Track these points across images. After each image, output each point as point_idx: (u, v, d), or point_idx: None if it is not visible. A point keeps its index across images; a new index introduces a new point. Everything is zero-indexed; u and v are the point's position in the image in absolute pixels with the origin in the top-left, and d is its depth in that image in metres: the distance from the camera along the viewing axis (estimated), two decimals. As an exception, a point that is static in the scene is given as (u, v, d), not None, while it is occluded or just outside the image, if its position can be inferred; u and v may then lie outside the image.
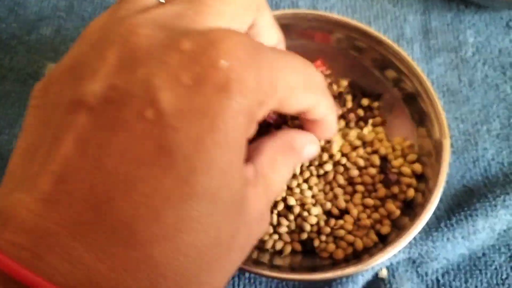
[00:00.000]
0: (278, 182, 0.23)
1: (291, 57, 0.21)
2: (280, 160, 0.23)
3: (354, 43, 0.40)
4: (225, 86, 0.17)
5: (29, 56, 0.44)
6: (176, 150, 0.16)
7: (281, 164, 0.23)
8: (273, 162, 0.22)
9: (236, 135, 0.17)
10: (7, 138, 0.41)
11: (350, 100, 0.40)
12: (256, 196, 0.21)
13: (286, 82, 0.20)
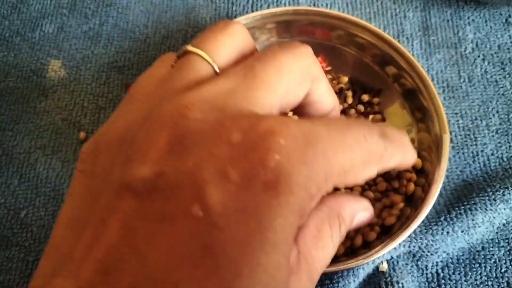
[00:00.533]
0: (323, 260, 0.21)
1: (349, 132, 0.19)
2: (326, 233, 0.21)
3: (354, 39, 0.41)
4: (274, 184, 0.16)
5: (32, 53, 0.44)
6: (221, 252, 0.16)
7: (327, 237, 0.21)
8: (318, 238, 0.20)
9: (285, 236, 0.16)
10: (11, 134, 0.41)
11: (351, 96, 0.40)
12: (299, 284, 0.19)
13: (341, 166, 0.18)
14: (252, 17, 0.41)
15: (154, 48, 0.45)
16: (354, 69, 0.42)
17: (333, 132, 0.18)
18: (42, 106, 0.42)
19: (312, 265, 0.20)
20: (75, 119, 0.41)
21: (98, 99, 0.42)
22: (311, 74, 0.21)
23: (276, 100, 0.19)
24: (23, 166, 0.40)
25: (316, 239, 0.20)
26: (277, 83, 0.19)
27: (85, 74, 0.43)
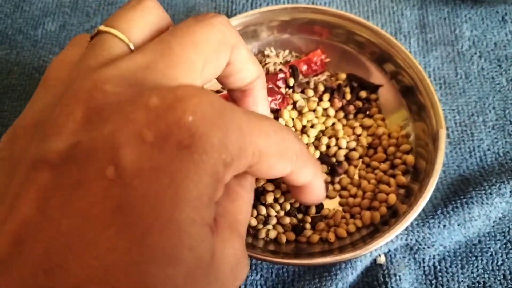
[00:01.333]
0: (240, 209, 0.21)
1: (267, 121, 0.19)
2: (232, 183, 0.21)
3: (352, 37, 0.41)
4: (188, 143, 0.16)
5: (35, 51, 0.45)
6: (132, 209, 0.15)
7: (234, 186, 0.21)
8: (227, 191, 0.21)
9: (198, 194, 0.16)
10: (14, 130, 0.41)
11: (349, 92, 0.41)
12: (225, 244, 0.19)
13: (256, 147, 0.18)
14: (251, 14, 0.41)
15: (154, 45, 0.45)
16: (352, 66, 0.42)
17: (252, 115, 0.19)
18: (44, 102, 0.43)
19: (231, 218, 0.20)
20: (77, 116, 0.42)
21: (99, 96, 0.43)
22: (229, 43, 0.21)
23: (196, 76, 0.19)
24: (26, 161, 0.40)
25: (226, 194, 0.20)
26: (195, 58, 0.19)
27: (86, 71, 0.44)
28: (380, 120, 0.40)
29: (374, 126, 0.39)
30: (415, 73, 0.38)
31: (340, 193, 0.37)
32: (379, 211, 0.35)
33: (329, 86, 0.41)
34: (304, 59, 0.41)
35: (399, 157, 0.37)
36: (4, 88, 0.43)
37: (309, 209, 0.36)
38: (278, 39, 0.43)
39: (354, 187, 0.37)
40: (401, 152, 0.37)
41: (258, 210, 0.35)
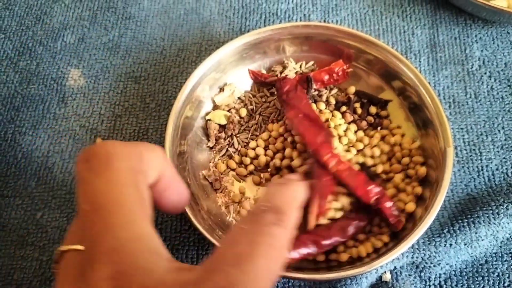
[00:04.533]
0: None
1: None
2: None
3: (362, 55, 0.42)
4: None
5: (54, 62, 0.47)
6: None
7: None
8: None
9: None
10: (31, 138, 0.43)
11: (359, 107, 0.42)
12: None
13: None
14: (263, 31, 0.42)
15: (169, 59, 0.46)
16: (362, 82, 0.43)
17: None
18: (61, 112, 0.44)
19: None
20: (92, 126, 0.43)
21: (114, 107, 0.44)
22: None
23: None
24: (41, 169, 0.41)
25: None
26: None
27: (103, 83, 0.45)
28: (396, 128, 0.40)
29: (389, 136, 0.40)
30: (423, 91, 0.39)
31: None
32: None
33: (340, 100, 0.42)
34: (326, 69, 0.42)
35: (413, 168, 0.38)
36: (23, 97, 0.45)
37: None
38: (299, 54, 0.44)
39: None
40: (414, 163, 0.38)
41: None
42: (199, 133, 0.41)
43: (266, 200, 0.27)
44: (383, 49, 0.41)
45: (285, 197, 0.27)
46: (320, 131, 0.37)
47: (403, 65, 0.40)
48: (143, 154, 0.26)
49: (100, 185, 0.23)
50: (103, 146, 0.25)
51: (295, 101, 0.39)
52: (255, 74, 0.43)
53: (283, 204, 0.26)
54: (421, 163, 0.38)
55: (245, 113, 0.42)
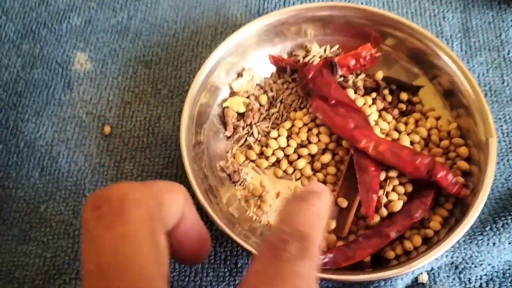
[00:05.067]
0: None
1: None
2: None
3: (390, 36, 0.39)
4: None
5: (59, 46, 0.43)
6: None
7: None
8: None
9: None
10: (34, 126, 0.40)
11: (388, 93, 0.38)
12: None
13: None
14: (286, 12, 0.39)
15: (182, 43, 0.43)
16: (390, 67, 0.40)
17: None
18: (66, 98, 0.41)
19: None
20: (100, 113, 0.40)
21: (124, 94, 0.41)
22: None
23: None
24: (45, 158, 0.38)
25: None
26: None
27: (111, 68, 0.42)
28: (430, 111, 0.37)
29: (423, 120, 0.37)
30: (461, 78, 0.36)
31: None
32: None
33: (368, 86, 0.39)
34: (352, 53, 0.39)
35: (453, 150, 0.35)
36: (26, 82, 0.42)
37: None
38: (323, 37, 0.41)
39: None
40: (454, 145, 0.35)
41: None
42: (215, 121, 0.38)
43: (286, 222, 0.22)
44: (414, 31, 0.38)
45: (308, 217, 0.23)
46: (358, 115, 0.34)
47: (437, 48, 0.37)
48: (164, 197, 0.22)
49: (110, 241, 0.19)
50: (117, 189, 0.21)
51: (324, 87, 0.36)
52: (275, 59, 0.40)
53: (307, 227, 0.22)
54: (462, 144, 0.35)
55: (265, 100, 0.39)
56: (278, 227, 0.22)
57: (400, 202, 0.33)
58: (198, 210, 0.35)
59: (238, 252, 0.35)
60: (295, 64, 0.39)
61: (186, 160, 0.33)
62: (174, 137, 0.39)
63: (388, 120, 0.37)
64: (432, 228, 0.32)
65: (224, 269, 0.34)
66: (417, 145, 0.36)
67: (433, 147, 0.36)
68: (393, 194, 0.33)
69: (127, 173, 0.38)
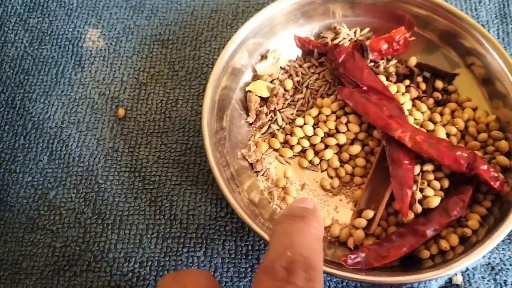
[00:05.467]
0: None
1: None
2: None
3: (425, 19, 0.36)
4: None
5: (69, 20, 0.41)
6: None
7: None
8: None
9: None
10: (43, 106, 0.37)
11: (422, 81, 0.36)
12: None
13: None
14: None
15: (201, 22, 0.40)
16: (423, 53, 0.37)
17: None
18: (77, 78, 0.38)
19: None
20: (113, 94, 0.38)
21: (139, 74, 0.38)
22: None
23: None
24: (54, 142, 0.36)
25: None
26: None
27: (125, 46, 0.39)
28: (466, 101, 0.35)
29: (459, 110, 0.34)
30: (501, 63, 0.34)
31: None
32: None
33: (400, 72, 0.36)
34: (385, 37, 0.36)
35: (492, 144, 0.33)
36: (34, 59, 0.39)
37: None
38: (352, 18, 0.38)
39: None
40: (492, 138, 0.33)
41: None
42: (237, 106, 0.36)
43: (286, 246, 0.21)
44: (451, 13, 0.35)
45: (310, 242, 0.21)
46: (391, 103, 0.32)
47: (477, 33, 0.35)
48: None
49: None
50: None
51: (355, 72, 0.34)
52: (302, 41, 0.38)
53: (310, 253, 0.20)
54: (502, 138, 0.32)
55: (291, 85, 0.36)
56: (279, 250, 0.20)
57: (437, 199, 0.30)
58: (219, 200, 0.34)
59: (260, 246, 0.32)
60: (323, 47, 0.37)
61: (208, 147, 0.31)
62: (193, 122, 0.36)
63: (422, 110, 0.34)
64: (470, 227, 0.30)
65: (245, 265, 0.32)
66: (454, 138, 0.33)
67: (470, 140, 0.33)
68: (429, 189, 0.31)
69: (142, 159, 0.35)
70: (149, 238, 0.33)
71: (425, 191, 0.31)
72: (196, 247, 0.32)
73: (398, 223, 0.32)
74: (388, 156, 0.32)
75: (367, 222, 0.31)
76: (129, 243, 0.33)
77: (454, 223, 0.31)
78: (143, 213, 0.33)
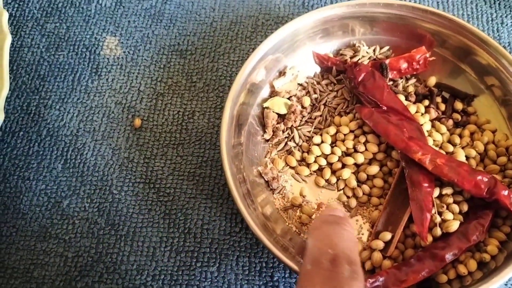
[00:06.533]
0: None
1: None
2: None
3: (445, 39, 0.36)
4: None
5: (87, 27, 0.40)
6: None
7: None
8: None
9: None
10: (58, 113, 0.37)
11: (441, 102, 0.36)
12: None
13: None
14: (334, 7, 0.36)
15: (220, 33, 0.40)
16: (443, 73, 0.37)
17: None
18: (94, 85, 0.38)
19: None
20: (130, 104, 0.37)
21: (156, 84, 0.38)
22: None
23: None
24: (69, 150, 0.36)
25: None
26: None
27: (143, 55, 0.39)
28: (486, 123, 0.35)
29: (478, 133, 0.34)
30: None
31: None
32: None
33: (420, 92, 0.36)
34: (405, 56, 0.36)
35: (511, 168, 0.33)
36: (50, 65, 0.39)
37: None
38: (371, 36, 0.38)
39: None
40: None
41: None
42: (254, 122, 0.36)
43: (327, 244, 0.24)
44: (471, 33, 0.35)
45: (348, 242, 0.24)
46: (411, 124, 0.32)
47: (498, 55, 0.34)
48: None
49: None
50: None
51: (375, 91, 0.34)
52: (320, 58, 0.37)
53: (350, 250, 0.23)
54: None
55: (308, 102, 0.36)
56: (322, 249, 0.23)
57: (456, 223, 0.30)
58: (233, 215, 0.33)
59: (274, 263, 0.32)
60: (342, 64, 0.37)
61: (225, 162, 0.31)
62: (209, 135, 0.36)
63: (442, 131, 0.34)
64: (489, 252, 0.30)
65: (259, 282, 0.32)
66: (473, 160, 0.33)
67: (489, 163, 0.33)
68: (448, 213, 0.31)
69: (157, 170, 0.35)
70: (162, 251, 0.32)
71: (444, 214, 0.31)
72: (210, 262, 0.32)
73: (416, 245, 0.31)
74: (408, 178, 0.31)
75: (384, 244, 0.31)
76: (142, 256, 0.32)
77: (472, 247, 0.31)
78: (156, 226, 0.33)
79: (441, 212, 0.31)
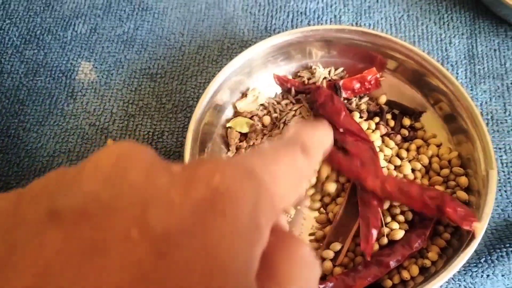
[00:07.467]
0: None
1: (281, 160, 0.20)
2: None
3: (394, 61, 0.39)
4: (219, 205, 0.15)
5: (63, 53, 0.43)
6: (159, 279, 0.13)
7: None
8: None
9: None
10: (36, 135, 0.40)
11: (390, 118, 0.39)
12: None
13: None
14: (293, 33, 0.39)
15: (188, 57, 0.43)
16: (393, 91, 0.40)
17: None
18: (69, 109, 0.41)
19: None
20: (103, 125, 0.40)
21: (128, 106, 0.41)
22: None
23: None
24: (46, 170, 0.38)
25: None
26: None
27: (116, 79, 0.42)
28: (432, 138, 0.38)
29: (424, 147, 0.37)
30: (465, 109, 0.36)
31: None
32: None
33: (371, 109, 0.39)
34: (358, 77, 0.39)
35: (453, 179, 0.35)
36: (28, 90, 0.41)
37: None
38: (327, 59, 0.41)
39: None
40: (454, 174, 0.36)
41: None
42: (218, 141, 0.38)
43: (293, 135, 0.22)
44: (418, 56, 0.38)
45: (314, 138, 0.22)
46: (365, 144, 0.35)
47: (442, 76, 0.37)
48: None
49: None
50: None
51: (333, 115, 0.36)
52: (281, 79, 0.40)
53: (311, 144, 0.21)
54: (462, 174, 0.35)
55: (268, 121, 0.39)
56: (285, 135, 0.22)
57: (401, 232, 0.33)
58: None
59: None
60: (300, 85, 0.39)
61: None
62: (177, 153, 0.39)
63: (391, 146, 0.37)
64: (430, 258, 0.33)
65: None
66: (418, 173, 0.36)
67: (433, 175, 0.36)
68: (394, 223, 0.34)
69: (129, 188, 0.38)
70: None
71: (390, 224, 0.34)
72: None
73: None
74: (359, 196, 0.34)
75: (334, 254, 0.34)
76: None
77: (415, 254, 0.33)
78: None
79: (387, 223, 0.34)
